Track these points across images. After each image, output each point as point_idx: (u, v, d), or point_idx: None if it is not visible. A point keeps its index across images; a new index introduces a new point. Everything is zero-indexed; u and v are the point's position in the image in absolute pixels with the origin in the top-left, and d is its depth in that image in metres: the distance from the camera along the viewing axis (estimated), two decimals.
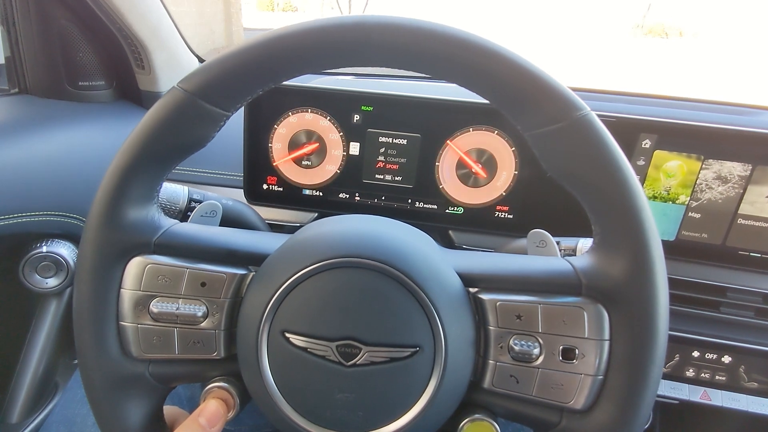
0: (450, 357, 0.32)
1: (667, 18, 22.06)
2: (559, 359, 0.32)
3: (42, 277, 0.64)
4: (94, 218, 0.33)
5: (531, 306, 0.33)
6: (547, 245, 0.42)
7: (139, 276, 0.35)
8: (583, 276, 0.33)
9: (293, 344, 0.32)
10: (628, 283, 0.31)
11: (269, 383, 0.33)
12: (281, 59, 0.32)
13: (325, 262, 0.33)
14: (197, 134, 0.34)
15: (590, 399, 0.32)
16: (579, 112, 0.30)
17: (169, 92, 0.33)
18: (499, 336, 0.33)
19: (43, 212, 0.63)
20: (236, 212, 0.56)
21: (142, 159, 0.33)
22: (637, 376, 0.31)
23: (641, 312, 0.30)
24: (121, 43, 0.77)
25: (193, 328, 0.35)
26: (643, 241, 0.30)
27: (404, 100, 0.63)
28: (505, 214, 0.65)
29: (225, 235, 0.39)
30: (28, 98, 0.76)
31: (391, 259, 0.33)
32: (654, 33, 18.75)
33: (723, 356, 0.63)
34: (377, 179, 0.66)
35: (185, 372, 0.37)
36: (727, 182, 0.59)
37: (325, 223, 0.37)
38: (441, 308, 0.32)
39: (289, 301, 0.33)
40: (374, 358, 0.32)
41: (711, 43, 15.28)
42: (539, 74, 0.31)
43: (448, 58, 0.31)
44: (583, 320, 0.32)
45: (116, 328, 0.35)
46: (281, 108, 0.65)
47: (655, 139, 0.59)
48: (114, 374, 0.35)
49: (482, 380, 0.34)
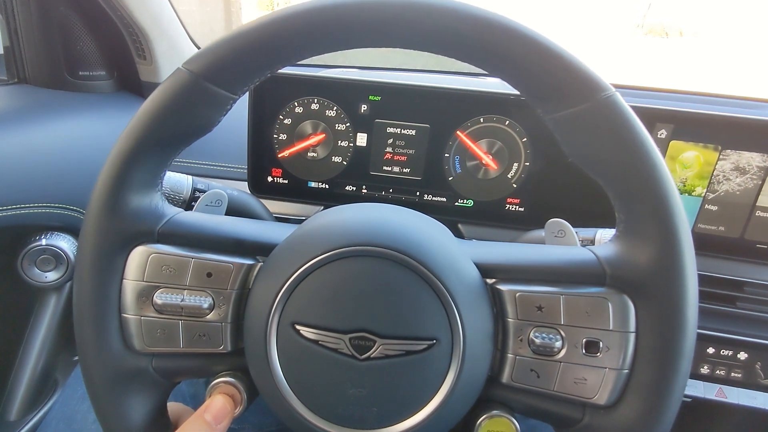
0: (468, 350, 0.31)
1: (667, 18, 22.02)
2: (582, 352, 0.31)
3: (41, 270, 0.63)
4: (95, 205, 0.32)
5: (552, 297, 0.32)
6: (566, 235, 0.40)
7: (142, 266, 0.33)
8: (608, 265, 0.31)
9: (304, 337, 0.31)
10: (656, 272, 0.29)
11: (278, 378, 0.32)
12: (295, 38, 0.30)
13: (338, 251, 0.31)
14: (203, 118, 0.33)
15: (615, 394, 0.31)
16: (604, 93, 0.29)
17: (174, 74, 0.31)
18: (518, 328, 0.32)
19: (43, 204, 0.62)
20: (242, 203, 0.54)
21: (145, 143, 0.32)
22: (665, 370, 0.29)
23: (670, 302, 0.29)
24: (122, 32, 0.76)
25: (198, 320, 0.34)
26: (673, 227, 0.29)
27: (413, 90, 0.61)
28: (516, 207, 0.63)
29: (232, 225, 0.37)
30: (27, 88, 0.75)
31: (407, 248, 0.31)
32: (654, 33, 18.78)
33: (739, 353, 0.62)
34: (385, 171, 0.64)
35: (190, 366, 0.36)
36: (745, 173, 0.58)
37: (337, 212, 0.36)
38: (459, 299, 0.31)
39: (300, 291, 0.31)
40: (389, 351, 0.30)
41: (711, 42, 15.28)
42: (562, 53, 0.29)
43: (466, 35, 0.29)
44: (607, 311, 0.31)
45: (118, 320, 0.34)
46: (286, 98, 0.63)
47: (671, 128, 0.57)
48: (116, 369, 0.34)
49: (500, 375, 0.33)
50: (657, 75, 7.39)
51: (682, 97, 0.73)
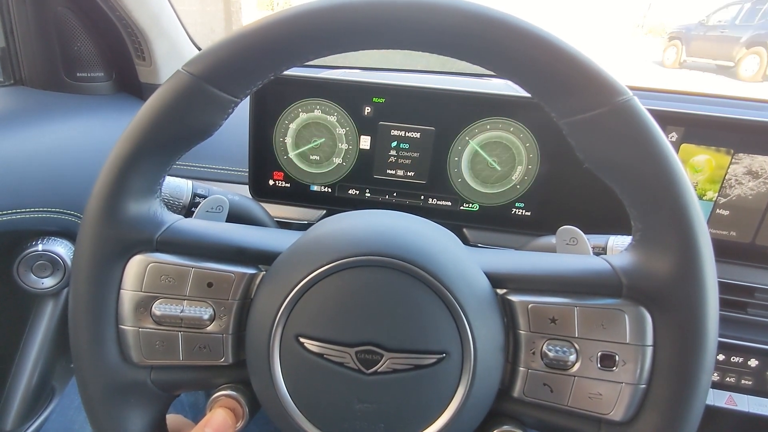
0: (479, 364, 0.30)
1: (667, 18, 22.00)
2: (597, 366, 0.30)
3: (38, 276, 0.62)
4: (92, 212, 0.31)
5: (566, 308, 0.31)
6: (578, 243, 0.39)
7: (140, 275, 0.32)
8: (624, 276, 0.30)
9: (308, 350, 0.30)
10: (674, 283, 0.28)
11: (281, 392, 0.30)
12: (300, 39, 0.29)
13: (344, 261, 0.30)
14: (203, 122, 0.32)
15: (632, 410, 0.30)
16: (621, 97, 0.28)
17: (174, 76, 0.30)
18: (530, 341, 0.31)
19: (39, 209, 0.60)
20: (243, 208, 0.53)
21: (143, 148, 0.31)
22: (685, 385, 0.28)
23: (689, 314, 0.28)
24: (120, 32, 0.74)
25: (198, 332, 0.33)
26: (693, 236, 0.28)
27: (418, 92, 0.60)
28: (523, 212, 0.62)
29: (233, 232, 0.36)
30: (23, 90, 0.74)
31: (415, 257, 0.30)
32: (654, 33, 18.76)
33: (749, 359, 0.61)
34: (389, 174, 0.63)
35: (190, 379, 0.35)
36: (758, 177, 0.56)
37: (342, 219, 0.34)
38: (469, 311, 0.30)
39: (304, 303, 0.30)
40: (397, 365, 0.29)
41: None
42: (578, 56, 0.28)
43: (477, 37, 0.28)
44: (624, 324, 0.30)
45: (115, 331, 0.33)
46: (289, 100, 0.62)
47: (682, 132, 0.56)
48: (113, 381, 0.33)
49: (512, 388, 0.32)
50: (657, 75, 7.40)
51: (693, 99, 0.72)
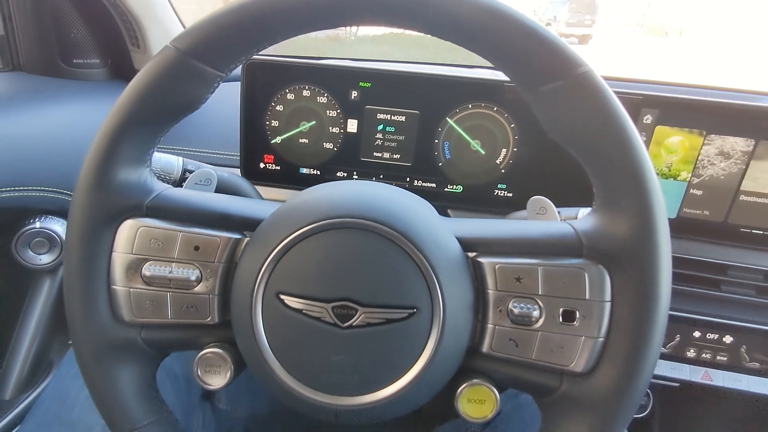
0: (448, 319, 0.31)
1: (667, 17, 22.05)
2: (559, 321, 0.32)
3: (35, 253, 0.64)
4: (84, 180, 0.33)
5: (531, 268, 0.32)
6: (547, 212, 0.41)
7: (131, 239, 0.34)
8: (584, 237, 0.32)
9: (288, 306, 0.32)
10: (630, 243, 0.30)
11: (263, 347, 0.32)
12: (283, 14, 0.31)
13: (321, 223, 0.32)
14: (189, 95, 0.33)
15: (591, 362, 0.32)
16: (580, 69, 0.30)
17: (162, 51, 0.32)
18: (498, 299, 0.33)
19: (37, 188, 0.62)
20: (232, 184, 0.55)
21: (132, 119, 0.32)
22: (638, 338, 0.30)
23: (644, 271, 0.30)
24: (115, 19, 0.76)
25: (186, 292, 0.34)
26: (647, 199, 0.30)
27: (403, 76, 0.62)
28: (505, 192, 0.64)
29: (219, 200, 0.38)
30: (21, 75, 0.75)
31: (388, 219, 0.32)
32: (654, 32, 18.75)
33: (724, 336, 0.62)
34: (375, 157, 0.65)
35: (178, 338, 0.36)
36: (729, 158, 0.58)
37: (322, 188, 0.36)
38: (439, 269, 0.31)
39: (285, 263, 0.32)
40: (371, 319, 0.31)
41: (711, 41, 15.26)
42: (538, 29, 0.30)
43: (446, 12, 0.30)
44: (584, 281, 0.31)
45: (107, 292, 0.34)
46: (278, 85, 0.64)
47: (656, 114, 0.58)
48: (105, 340, 0.34)
49: (481, 345, 0.33)
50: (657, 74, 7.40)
51: (669, 88, 0.74)
